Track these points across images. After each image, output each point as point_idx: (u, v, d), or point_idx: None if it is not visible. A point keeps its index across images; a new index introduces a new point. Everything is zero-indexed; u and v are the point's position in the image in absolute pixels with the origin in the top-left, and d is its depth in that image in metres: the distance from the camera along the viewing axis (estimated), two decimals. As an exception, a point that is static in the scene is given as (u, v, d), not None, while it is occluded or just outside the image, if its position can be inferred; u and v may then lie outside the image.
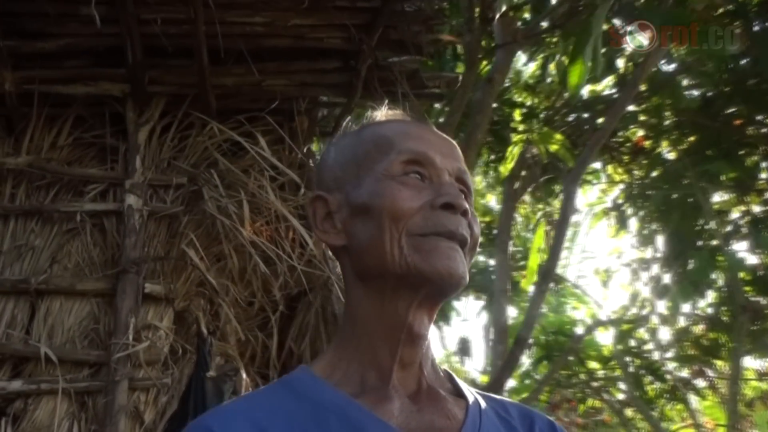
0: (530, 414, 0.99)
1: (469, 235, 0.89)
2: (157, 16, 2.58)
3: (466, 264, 0.89)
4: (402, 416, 0.85)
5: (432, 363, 0.94)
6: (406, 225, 0.86)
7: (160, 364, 2.44)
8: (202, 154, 2.83)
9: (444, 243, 0.85)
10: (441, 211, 0.86)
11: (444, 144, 0.95)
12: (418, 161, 0.89)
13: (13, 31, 2.58)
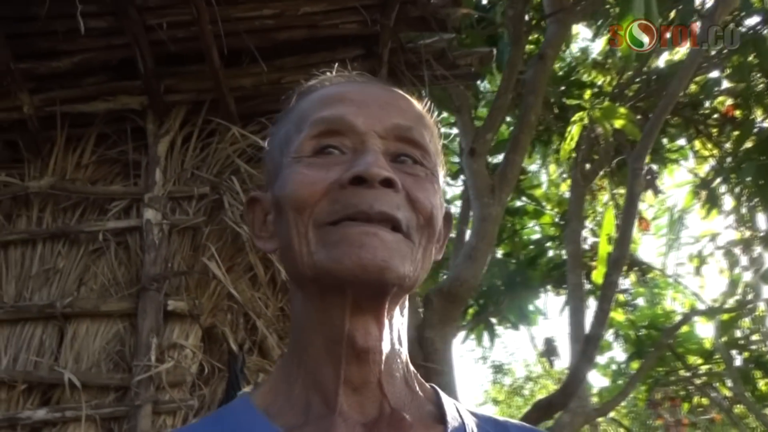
0: None
1: (411, 206, 0.71)
2: (162, 21, 2.47)
3: (420, 246, 0.71)
4: None
5: (405, 381, 0.76)
6: (311, 215, 0.71)
7: (188, 386, 2.31)
8: (225, 162, 2.70)
9: (354, 228, 0.68)
10: (351, 188, 0.69)
11: (377, 98, 0.78)
12: (333, 131, 0.74)
13: (25, 53, 2.55)
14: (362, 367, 0.71)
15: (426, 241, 0.73)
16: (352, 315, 0.70)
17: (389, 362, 0.74)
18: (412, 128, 0.76)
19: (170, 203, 2.57)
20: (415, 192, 0.72)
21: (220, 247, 2.48)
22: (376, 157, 0.71)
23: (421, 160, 0.75)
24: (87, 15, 2.48)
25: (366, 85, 0.82)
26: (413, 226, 0.71)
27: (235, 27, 2.49)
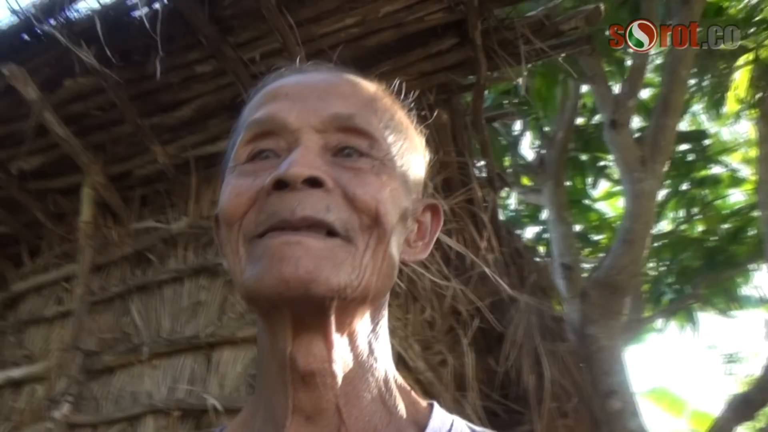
0: None
1: (347, 206, 0.63)
2: (255, 53, 2.57)
3: (361, 247, 0.63)
4: None
5: (381, 401, 0.68)
6: (240, 228, 0.65)
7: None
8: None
9: (275, 239, 0.61)
10: (275, 194, 0.63)
11: (315, 88, 0.71)
12: (266, 132, 0.68)
13: (150, 110, 2.80)
14: (311, 393, 0.64)
15: (376, 242, 0.64)
16: (295, 336, 0.63)
17: (352, 383, 0.66)
18: (353, 116, 0.68)
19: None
20: (353, 188, 0.64)
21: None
22: (303, 154, 0.64)
23: (368, 150, 0.67)
24: (194, 62, 2.68)
25: (307, 74, 0.75)
26: (354, 227, 0.63)
27: (323, 43, 2.51)
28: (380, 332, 0.71)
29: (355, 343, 0.67)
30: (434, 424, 0.70)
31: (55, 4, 2.49)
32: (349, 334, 0.66)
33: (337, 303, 0.62)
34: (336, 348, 0.64)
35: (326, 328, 0.63)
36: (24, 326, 3.13)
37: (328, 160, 0.66)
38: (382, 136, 0.69)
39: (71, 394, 2.66)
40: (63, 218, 3.22)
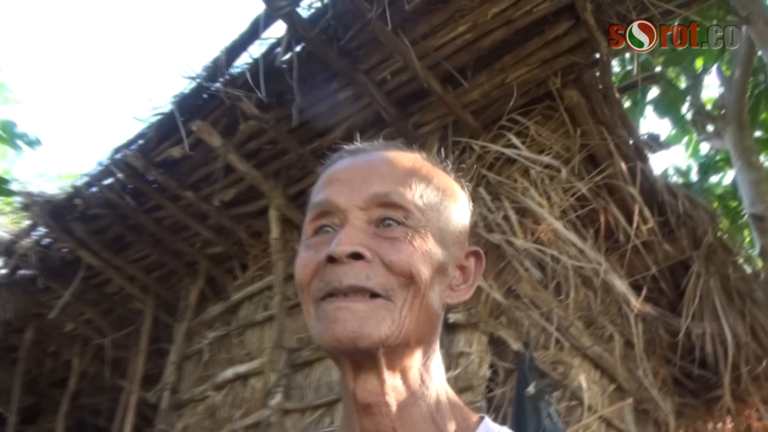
0: None
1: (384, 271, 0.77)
2: (384, 74, 2.81)
3: (400, 304, 0.76)
4: None
5: (432, 421, 0.82)
6: (309, 293, 0.80)
7: (480, 388, 2.52)
8: (475, 174, 2.86)
9: (330, 305, 0.76)
10: (329, 266, 0.77)
11: (359, 172, 0.84)
12: (323, 212, 0.83)
13: (307, 137, 3.18)
14: (371, 419, 0.79)
15: (412, 297, 0.77)
16: (355, 376, 0.79)
17: (405, 409, 0.80)
18: (389, 193, 0.81)
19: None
20: (389, 256, 0.77)
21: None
22: (347, 233, 0.78)
23: (403, 220, 0.79)
24: (335, 92, 3.00)
25: (356, 157, 0.88)
26: (393, 287, 0.77)
27: (440, 54, 2.67)
28: (431, 364, 0.83)
29: (407, 377, 0.80)
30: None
31: (218, 67, 2.95)
32: (400, 371, 0.79)
33: (383, 350, 0.75)
34: (388, 383, 0.78)
35: (378, 369, 0.77)
36: (243, 329, 3.77)
37: (371, 231, 0.79)
38: (415, 207, 0.80)
39: (282, 386, 3.18)
40: (260, 236, 3.79)
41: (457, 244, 0.85)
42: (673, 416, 3.73)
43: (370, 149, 0.89)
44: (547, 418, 2.39)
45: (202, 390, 3.77)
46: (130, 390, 4.49)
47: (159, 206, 3.76)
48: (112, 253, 4.16)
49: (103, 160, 3.63)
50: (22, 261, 4.41)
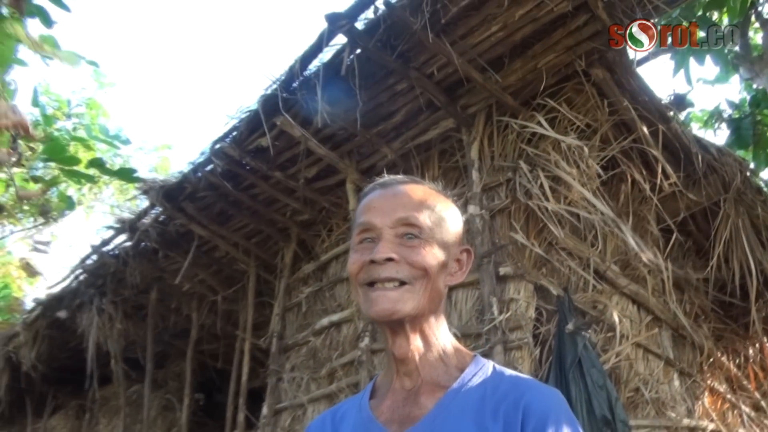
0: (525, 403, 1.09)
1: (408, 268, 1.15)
2: (432, 68, 3.29)
3: (419, 289, 1.15)
4: (388, 412, 1.20)
5: (441, 360, 1.20)
6: (357, 280, 1.18)
7: (528, 327, 3.08)
8: (516, 149, 3.34)
9: (371, 292, 1.16)
10: (372, 265, 1.16)
11: (388, 202, 1.22)
12: (365, 229, 1.21)
13: (371, 122, 3.72)
14: (403, 365, 1.20)
15: (424, 282, 1.15)
16: (392, 338, 1.19)
17: (424, 356, 1.19)
18: (409, 217, 1.18)
19: (485, 194, 3.37)
20: (411, 258, 1.15)
21: (523, 220, 3.17)
22: (382, 245, 1.16)
23: (418, 234, 1.17)
24: (393, 84, 3.50)
25: (386, 189, 1.25)
26: (414, 278, 1.15)
27: (477, 50, 3.12)
28: (439, 325, 1.21)
29: (424, 336, 1.19)
30: (471, 369, 1.18)
31: (294, 72, 3.50)
32: (420, 332, 1.18)
33: (408, 320, 1.15)
34: (412, 342, 1.17)
35: (406, 333, 1.17)
36: (333, 285, 4.46)
37: (398, 242, 1.16)
38: (425, 225, 1.17)
39: (368, 331, 3.86)
40: (340, 205, 4.41)
41: (455, 245, 1.23)
42: (711, 340, 4.17)
43: (395, 183, 1.26)
44: (583, 349, 2.93)
45: (303, 336, 4.52)
46: (243, 337, 5.32)
47: (253, 185, 4.42)
48: (217, 225, 4.90)
49: (205, 151, 4.32)
50: (144, 236, 5.19)
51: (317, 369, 4.26)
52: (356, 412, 1.25)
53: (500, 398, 1.11)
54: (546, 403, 1.09)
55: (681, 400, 3.91)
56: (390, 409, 1.19)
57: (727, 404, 4.59)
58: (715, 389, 4.43)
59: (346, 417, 1.26)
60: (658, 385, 3.67)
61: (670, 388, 3.83)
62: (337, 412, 1.30)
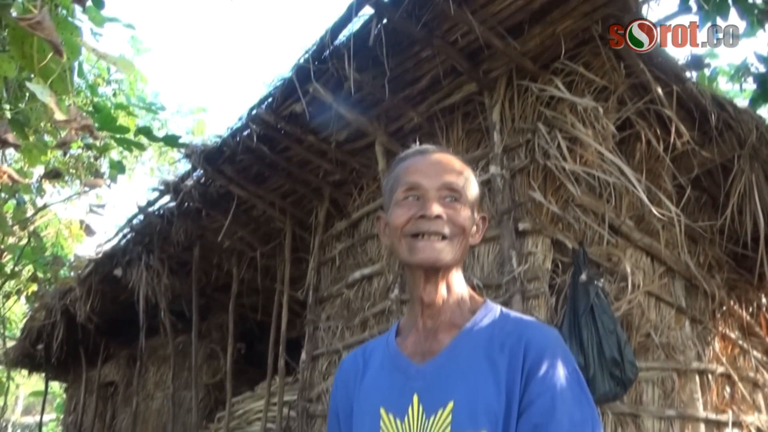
0: (527, 338, 1.24)
1: (451, 226, 1.29)
2: (455, 35, 3.47)
3: (456, 244, 1.31)
4: (411, 346, 1.36)
5: (458, 304, 1.35)
6: (402, 231, 1.32)
7: (545, 278, 3.32)
8: (537, 111, 3.52)
9: (417, 242, 1.29)
10: (420, 220, 1.30)
11: (434, 167, 1.36)
12: (412, 188, 1.34)
13: (399, 87, 3.92)
14: (429, 309, 1.34)
15: (460, 239, 1.31)
16: (424, 283, 1.32)
17: (446, 301, 1.34)
18: (452, 182, 1.33)
19: (506, 155, 3.58)
20: (453, 217, 1.30)
21: (541, 179, 3.38)
22: (433, 204, 1.30)
23: (458, 197, 1.33)
24: (418, 51, 3.70)
25: (430, 156, 1.39)
26: (453, 234, 1.30)
27: (497, 18, 3.29)
28: (459, 276, 1.37)
29: (449, 284, 1.33)
30: (481, 311, 1.32)
31: (324, 42, 3.71)
32: (446, 281, 1.32)
33: (444, 268, 1.30)
34: (440, 288, 1.31)
35: (437, 280, 1.30)
36: (364, 241, 4.75)
37: (442, 202, 1.30)
38: (462, 189, 1.33)
39: (397, 282, 4.15)
40: (369, 166, 4.66)
41: (476, 211, 1.39)
42: (724, 290, 4.35)
43: (433, 151, 1.42)
44: (595, 297, 3.18)
45: (337, 288, 4.84)
46: (281, 290, 5.69)
47: (288, 148, 4.69)
48: (255, 186, 5.20)
49: (242, 117, 4.59)
50: (187, 196, 5.52)
51: (351, 318, 4.59)
52: (383, 348, 1.42)
53: (506, 335, 1.27)
54: (544, 339, 1.25)
55: (691, 345, 4.14)
56: (413, 345, 1.35)
57: (738, 349, 4.81)
58: (726, 335, 4.64)
59: (375, 353, 1.44)
60: (669, 331, 3.91)
61: (681, 333, 4.06)
62: (366, 349, 1.50)
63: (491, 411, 1.18)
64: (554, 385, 1.19)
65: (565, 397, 1.18)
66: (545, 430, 1.15)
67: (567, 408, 1.18)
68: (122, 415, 9.97)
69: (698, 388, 4.11)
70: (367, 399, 1.36)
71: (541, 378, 1.19)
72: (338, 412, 1.46)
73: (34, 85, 1.79)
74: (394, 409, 1.28)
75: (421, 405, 1.25)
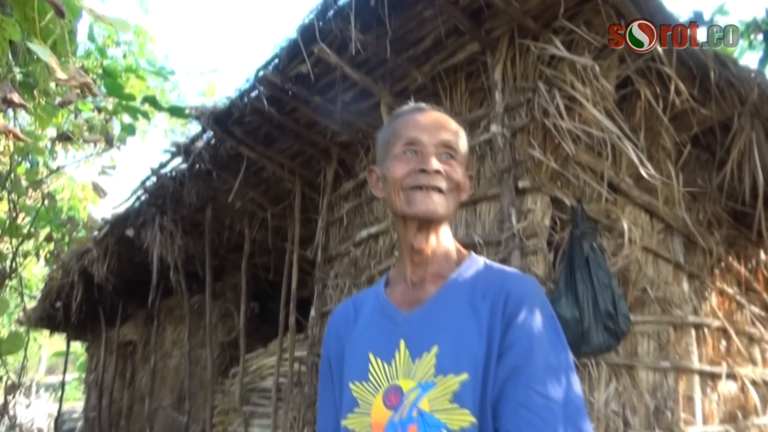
0: (507, 287, 1.31)
1: (447, 181, 1.37)
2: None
3: (450, 199, 1.39)
4: (400, 296, 1.44)
5: (445, 256, 1.44)
6: (401, 184, 1.38)
7: (543, 234, 3.41)
8: (538, 70, 3.56)
9: (416, 194, 1.37)
10: (419, 174, 1.37)
11: (432, 124, 1.42)
12: (411, 142, 1.40)
13: (403, 47, 3.97)
14: (418, 257, 1.43)
15: (454, 194, 1.39)
16: (417, 232, 1.40)
17: (435, 252, 1.42)
18: (449, 140, 1.40)
19: (507, 114, 3.63)
20: (450, 174, 1.37)
21: (541, 138, 3.43)
22: (432, 159, 1.37)
23: (454, 155, 1.40)
24: (421, 11, 3.73)
25: (428, 113, 1.46)
26: (449, 189, 1.37)
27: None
28: (447, 229, 1.45)
29: (438, 235, 1.41)
30: (466, 263, 1.41)
31: (328, 3, 3.76)
32: (436, 233, 1.41)
33: (437, 220, 1.37)
34: (431, 239, 1.40)
35: (429, 231, 1.39)
36: (370, 200, 4.84)
37: (440, 159, 1.37)
38: (458, 147, 1.40)
39: (402, 240, 4.24)
40: (376, 126, 4.72)
41: (467, 168, 1.46)
42: (724, 246, 4.41)
43: (430, 109, 1.49)
44: (590, 251, 3.26)
45: (345, 247, 4.96)
46: (292, 250, 5.83)
47: (295, 109, 4.76)
48: (264, 147, 5.29)
49: (250, 78, 4.66)
50: (198, 158, 5.62)
51: (358, 276, 4.72)
52: (374, 298, 1.50)
53: (488, 284, 1.34)
54: (524, 288, 1.32)
55: (688, 299, 4.23)
56: (401, 294, 1.44)
57: (735, 304, 4.89)
58: (724, 291, 4.72)
59: (365, 303, 1.53)
60: (666, 286, 3.99)
61: (678, 289, 4.15)
62: (357, 299, 1.58)
63: (473, 355, 1.25)
64: (532, 331, 1.25)
65: (542, 341, 1.25)
66: (522, 371, 1.22)
67: (543, 351, 1.25)
68: (141, 373, 10.31)
69: (693, 341, 4.22)
70: (357, 345, 1.44)
71: (520, 324, 1.26)
72: (330, 359, 1.56)
73: (35, 45, 1.88)
74: (382, 354, 1.36)
75: (407, 350, 1.32)
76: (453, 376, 1.24)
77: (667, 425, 3.78)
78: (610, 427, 3.41)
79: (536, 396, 1.20)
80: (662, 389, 3.83)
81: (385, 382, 1.32)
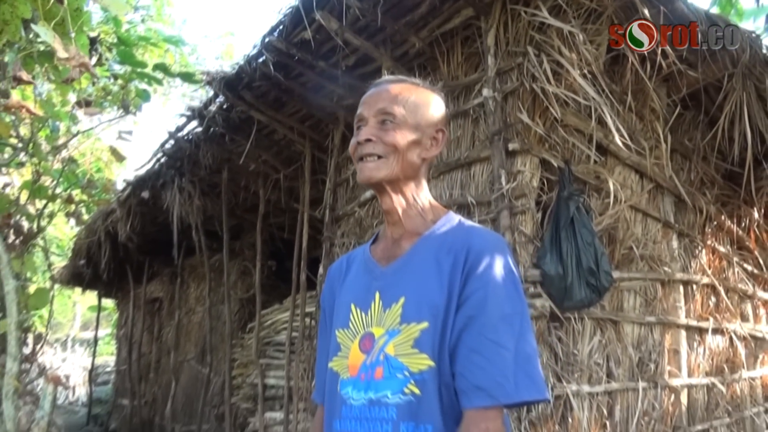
0: (469, 242, 1.41)
1: (382, 146, 1.48)
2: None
3: (392, 161, 1.48)
4: (381, 252, 1.58)
5: (420, 215, 1.54)
6: (354, 155, 1.54)
7: (532, 195, 3.55)
8: (528, 35, 3.66)
9: (360, 164, 1.52)
10: (357, 146, 1.52)
11: (373, 96, 1.55)
12: (359, 119, 1.55)
13: (402, 13, 4.07)
14: (390, 217, 1.56)
15: (396, 156, 1.48)
16: (379, 196, 1.55)
17: (406, 211, 1.53)
18: (386, 107, 1.50)
19: (499, 78, 3.75)
20: (384, 138, 1.48)
21: (531, 102, 3.55)
22: (364, 130, 1.50)
23: (391, 119, 1.49)
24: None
25: (376, 87, 1.58)
26: (387, 153, 1.48)
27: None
28: (419, 191, 1.54)
29: (405, 196, 1.52)
30: (441, 221, 1.50)
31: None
32: (401, 193, 1.52)
33: (385, 182, 1.49)
34: (394, 200, 1.51)
35: (387, 193, 1.51)
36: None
37: (378, 127, 1.48)
38: (399, 112, 1.48)
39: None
40: (378, 90, 4.85)
41: (430, 127, 1.53)
42: (716, 206, 4.48)
43: (384, 82, 1.59)
44: (576, 211, 3.41)
45: (351, 207, 5.16)
46: (303, 210, 6.05)
47: (301, 74, 4.91)
48: (274, 111, 5.46)
49: (257, 44, 4.81)
50: (211, 122, 5.82)
51: (362, 235, 4.93)
52: (362, 254, 1.64)
53: (454, 240, 1.44)
54: (485, 242, 1.41)
55: (677, 257, 4.36)
56: (382, 251, 1.58)
57: (726, 262, 4.99)
58: (715, 249, 4.82)
59: (356, 259, 1.67)
60: (654, 244, 4.12)
61: (668, 246, 4.27)
62: (350, 256, 1.74)
63: (433, 305, 1.36)
64: (488, 282, 1.35)
65: (498, 292, 1.35)
66: (477, 319, 1.32)
67: (498, 302, 1.34)
68: (167, 328, 10.77)
69: (681, 298, 4.36)
70: (343, 296, 1.61)
71: (478, 276, 1.35)
72: (325, 309, 1.74)
73: (39, 27, 2.06)
74: (361, 305, 1.52)
75: (381, 301, 1.46)
76: (415, 324, 1.37)
77: (650, 376, 3.96)
78: (593, 377, 3.60)
79: (488, 342, 1.30)
80: (647, 343, 4.00)
81: (362, 329, 1.47)
